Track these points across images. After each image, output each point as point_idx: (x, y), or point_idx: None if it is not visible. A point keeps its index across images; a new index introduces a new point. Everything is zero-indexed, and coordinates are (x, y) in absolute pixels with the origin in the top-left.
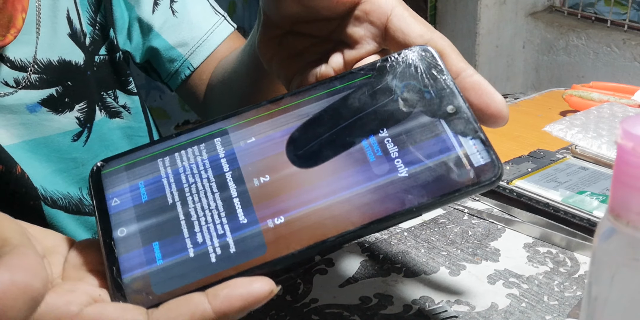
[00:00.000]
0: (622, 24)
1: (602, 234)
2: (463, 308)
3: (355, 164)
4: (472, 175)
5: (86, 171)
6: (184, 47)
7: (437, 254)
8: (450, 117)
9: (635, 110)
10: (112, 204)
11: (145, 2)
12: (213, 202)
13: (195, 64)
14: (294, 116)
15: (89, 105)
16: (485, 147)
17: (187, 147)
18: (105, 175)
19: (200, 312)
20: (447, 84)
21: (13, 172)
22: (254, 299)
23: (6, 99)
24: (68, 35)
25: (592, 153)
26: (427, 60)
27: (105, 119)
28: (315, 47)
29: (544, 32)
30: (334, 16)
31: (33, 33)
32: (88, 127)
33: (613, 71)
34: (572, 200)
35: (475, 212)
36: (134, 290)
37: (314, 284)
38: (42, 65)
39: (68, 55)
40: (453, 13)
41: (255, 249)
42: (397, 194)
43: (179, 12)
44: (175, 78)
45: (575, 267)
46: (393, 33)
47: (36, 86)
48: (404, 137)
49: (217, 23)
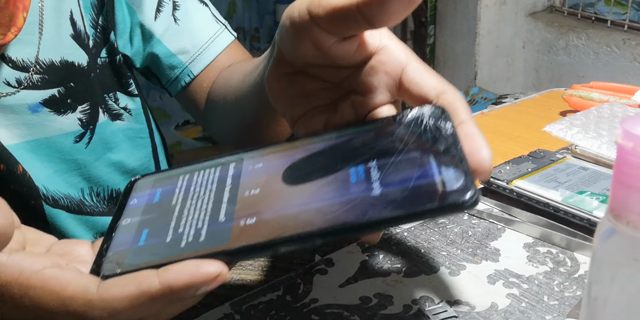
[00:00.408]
0: (622, 24)
1: (602, 234)
2: (463, 308)
3: (336, 184)
4: (442, 198)
5: (88, 172)
6: (184, 55)
7: (437, 254)
8: (440, 153)
9: (635, 110)
10: (131, 203)
11: (148, 9)
12: (206, 204)
13: (195, 72)
14: (301, 150)
15: (92, 107)
16: (465, 177)
17: (208, 168)
18: (137, 183)
19: (147, 283)
20: (447, 131)
21: (14, 172)
22: (200, 277)
23: (8, 98)
24: (71, 36)
25: (592, 153)
26: (436, 116)
27: (108, 121)
28: (326, 92)
29: (544, 32)
30: (349, 65)
31: (35, 33)
32: (91, 129)
33: (613, 71)
34: (572, 200)
35: (475, 212)
36: (110, 262)
37: (314, 284)
38: (44, 66)
39: (71, 56)
40: (453, 13)
41: (219, 240)
42: (362, 208)
43: (180, 20)
44: (175, 85)
45: (575, 267)
46: (407, 85)
47: (38, 86)
48: (390, 166)
49: (218, 32)
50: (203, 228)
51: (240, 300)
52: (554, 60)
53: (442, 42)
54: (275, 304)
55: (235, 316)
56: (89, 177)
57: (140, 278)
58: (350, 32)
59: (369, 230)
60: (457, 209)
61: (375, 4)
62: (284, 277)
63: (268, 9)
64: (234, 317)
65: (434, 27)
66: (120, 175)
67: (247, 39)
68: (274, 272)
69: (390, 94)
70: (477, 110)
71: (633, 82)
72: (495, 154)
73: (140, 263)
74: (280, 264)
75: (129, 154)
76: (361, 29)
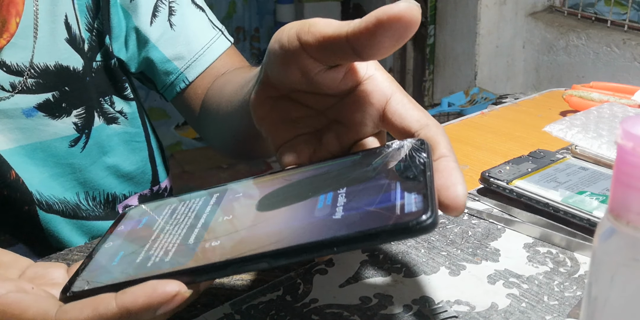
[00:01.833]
0: (622, 24)
1: (602, 234)
2: (463, 308)
3: (304, 210)
4: (397, 219)
5: (83, 177)
6: (180, 61)
7: (437, 254)
8: (408, 181)
9: (635, 110)
10: (117, 229)
11: (143, 13)
12: (181, 230)
13: (190, 78)
14: (280, 180)
15: (87, 111)
16: (425, 200)
17: (195, 198)
18: (129, 212)
19: (105, 305)
20: (422, 160)
21: (7, 177)
22: (157, 297)
23: (2, 103)
24: (66, 40)
25: (592, 153)
26: (416, 148)
27: (104, 125)
28: (310, 119)
29: (544, 32)
30: (335, 93)
31: (30, 37)
32: (86, 133)
33: (613, 71)
34: (572, 201)
35: (475, 212)
36: (81, 280)
37: (314, 284)
38: (38, 70)
39: (65, 60)
40: (453, 13)
41: (183, 260)
42: (318, 230)
43: (176, 25)
44: (170, 90)
45: (575, 267)
46: (391, 117)
47: (32, 90)
48: (357, 192)
49: (215, 38)
50: (171, 250)
51: (240, 300)
52: (554, 60)
53: (442, 42)
54: (275, 304)
55: (235, 316)
56: (84, 181)
57: (98, 301)
58: (338, 61)
59: (320, 251)
60: (413, 231)
61: (364, 37)
62: (284, 277)
63: (268, 9)
64: (234, 317)
65: (434, 27)
66: (116, 179)
67: (247, 39)
68: (274, 272)
69: (374, 125)
70: (477, 110)
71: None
72: (495, 154)
73: (106, 281)
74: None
75: (125, 158)
76: (349, 60)
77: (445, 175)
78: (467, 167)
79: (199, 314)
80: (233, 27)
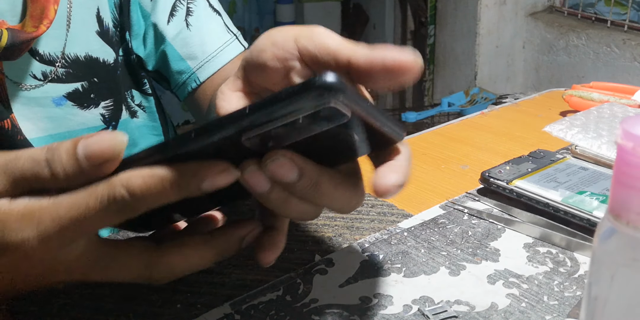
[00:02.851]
0: (622, 24)
1: (602, 234)
2: (463, 308)
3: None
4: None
5: None
6: (193, 60)
7: (437, 254)
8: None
9: (635, 111)
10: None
11: (161, 11)
12: None
13: (202, 78)
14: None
15: (115, 104)
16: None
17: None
18: None
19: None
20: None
21: None
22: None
23: (33, 91)
24: (96, 32)
25: (592, 153)
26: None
27: (129, 118)
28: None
29: (544, 32)
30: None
31: (63, 27)
32: (113, 125)
33: (613, 71)
34: (572, 201)
35: (475, 212)
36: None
37: (314, 284)
38: (69, 60)
39: (95, 52)
40: (453, 13)
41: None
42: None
43: (193, 26)
44: (182, 89)
45: (575, 267)
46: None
47: (63, 80)
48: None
49: (229, 41)
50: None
51: (240, 300)
52: (554, 60)
53: (442, 42)
54: (275, 304)
55: (235, 316)
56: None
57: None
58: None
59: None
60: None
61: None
62: (284, 277)
63: (268, 9)
64: (234, 317)
65: (434, 27)
66: None
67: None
68: (274, 272)
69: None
70: (477, 110)
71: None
72: (495, 154)
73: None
74: (280, 264)
75: None
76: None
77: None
78: (467, 167)
79: (199, 314)
80: None
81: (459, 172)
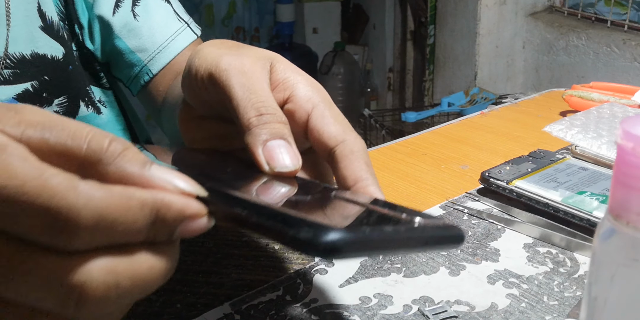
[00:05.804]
0: (622, 24)
1: (602, 234)
2: (463, 308)
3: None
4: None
5: None
6: (143, 53)
7: (437, 254)
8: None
9: (635, 111)
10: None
11: (105, 2)
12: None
13: (154, 71)
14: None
15: (70, 100)
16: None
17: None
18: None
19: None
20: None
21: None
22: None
23: None
24: (40, 28)
25: (592, 153)
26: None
27: (93, 114)
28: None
29: (544, 32)
30: None
31: (3, 26)
32: None
33: (613, 71)
34: (572, 201)
35: (475, 212)
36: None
37: (314, 284)
38: (14, 60)
39: (41, 48)
40: (453, 13)
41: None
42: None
43: (140, 16)
44: (135, 83)
45: (575, 267)
46: (310, 133)
47: (10, 81)
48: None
49: (180, 30)
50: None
51: (240, 300)
52: (554, 60)
53: (442, 42)
54: (275, 304)
55: (235, 316)
56: None
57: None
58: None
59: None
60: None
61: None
62: (284, 277)
63: (268, 9)
64: (234, 317)
65: (434, 27)
66: None
67: (247, 39)
68: (274, 272)
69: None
70: (477, 110)
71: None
72: (495, 154)
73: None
74: (280, 264)
75: None
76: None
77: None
78: (467, 167)
79: (199, 314)
80: (233, 27)
81: (459, 172)
